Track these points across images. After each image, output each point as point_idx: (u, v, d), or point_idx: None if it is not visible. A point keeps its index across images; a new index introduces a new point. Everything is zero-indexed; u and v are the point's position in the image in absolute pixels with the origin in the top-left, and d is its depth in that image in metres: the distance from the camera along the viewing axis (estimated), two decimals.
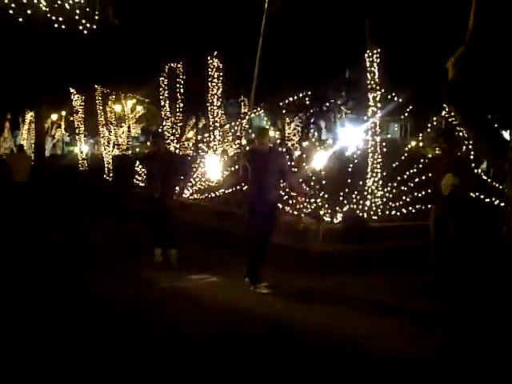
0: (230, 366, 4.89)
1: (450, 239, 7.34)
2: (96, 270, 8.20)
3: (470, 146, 11.11)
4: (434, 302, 6.84)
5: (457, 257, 7.31)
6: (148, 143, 30.63)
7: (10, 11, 13.68)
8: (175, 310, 6.47)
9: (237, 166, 12.84)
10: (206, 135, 15.06)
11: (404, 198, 10.54)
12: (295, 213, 10.22)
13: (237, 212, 10.06)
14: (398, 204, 10.48)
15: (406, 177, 10.87)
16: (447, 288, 7.23)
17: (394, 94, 11.28)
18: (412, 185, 10.72)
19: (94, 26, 13.92)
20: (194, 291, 7.31)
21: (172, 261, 8.51)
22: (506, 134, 14.72)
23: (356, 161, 10.80)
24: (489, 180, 11.54)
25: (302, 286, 7.56)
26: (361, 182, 10.47)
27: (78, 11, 13.69)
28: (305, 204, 9.85)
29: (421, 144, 12.71)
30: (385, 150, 10.73)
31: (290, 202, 10.31)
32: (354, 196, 10.21)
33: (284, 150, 11.94)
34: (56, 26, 14.04)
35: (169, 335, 5.58)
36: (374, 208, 10.28)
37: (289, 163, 8.53)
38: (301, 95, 16.64)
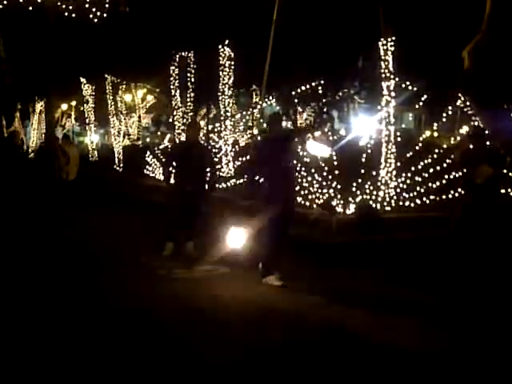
0: (236, 355, 4.83)
1: (475, 231, 7.20)
2: (105, 261, 8.15)
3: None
4: (448, 296, 6.72)
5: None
6: (158, 133, 30.59)
7: (21, 0, 13.59)
8: (187, 300, 6.40)
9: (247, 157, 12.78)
10: (217, 125, 14.97)
11: (418, 188, 10.42)
12: (307, 204, 10.14)
13: (248, 203, 9.97)
14: (411, 195, 10.36)
15: (420, 167, 10.74)
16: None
17: (408, 83, 11.12)
18: (426, 175, 10.59)
19: (105, 15, 13.81)
20: (206, 282, 7.25)
21: (190, 252, 8.47)
22: None
23: (369, 151, 10.67)
24: (505, 171, 11.36)
25: (313, 278, 7.47)
26: (374, 173, 10.35)
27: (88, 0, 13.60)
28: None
29: (435, 134, 12.55)
30: (399, 140, 10.59)
31: (302, 192, 10.23)
32: (367, 187, 10.10)
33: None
34: (66, 14, 13.95)
35: (179, 325, 5.52)
36: (388, 199, 10.16)
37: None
38: (313, 84, 16.50)
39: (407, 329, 5.59)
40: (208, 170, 8.79)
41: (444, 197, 10.51)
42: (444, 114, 11.80)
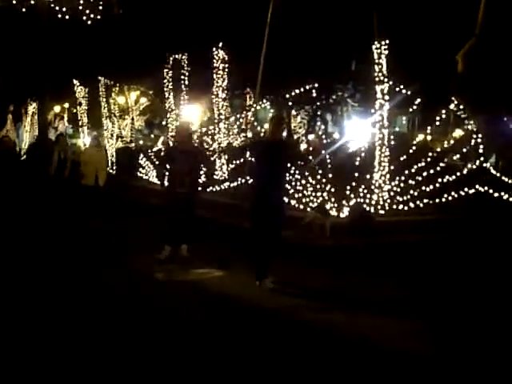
0: (229, 360, 4.80)
1: None
2: (99, 265, 8.09)
3: (479, 140, 11.00)
4: (440, 299, 6.73)
5: None
6: (152, 136, 30.51)
7: (13, 1, 13.52)
8: (180, 304, 6.38)
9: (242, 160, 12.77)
10: (211, 128, 14.94)
11: (412, 191, 10.44)
12: (301, 207, 10.14)
13: (243, 206, 9.95)
14: (405, 198, 10.37)
15: (413, 170, 10.77)
16: None
17: (401, 87, 11.14)
18: (420, 179, 10.62)
19: (98, 17, 13.76)
20: (200, 285, 7.22)
21: (183, 254, 8.46)
22: None
23: (363, 154, 10.69)
24: (498, 174, 11.42)
25: (307, 281, 7.45)
26: (368, 176, 10.36)
27: (81, 1, 13.55)
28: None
29: (429, 137, 12.59)
30: (392, 143, 10.61)
31: (296, 195, 10.22)
32: (360, 190, 10.10)
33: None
34: (59, 16, 13.89)
35: (172, 330, 5.49)
36: (382, 202, 10.17)
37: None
38: (307, 87, 16.47)
39: (405, 332, 5.58)
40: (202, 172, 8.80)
41: (437, 200, 10.54)
42: (437, 118, 11.83)
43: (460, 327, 5.82)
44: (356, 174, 10.35)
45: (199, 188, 8.82)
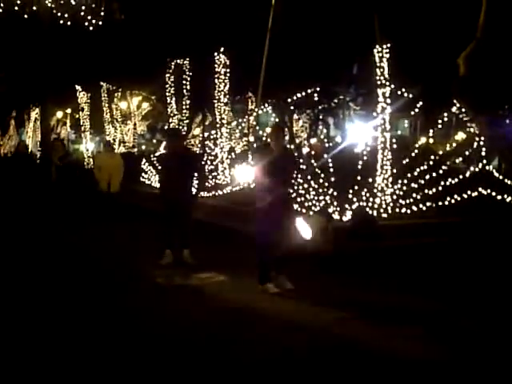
0: (230, 366, 4.78)
1: None
2: (102, 269, 8.11)
3: (482, 143, 10.97)
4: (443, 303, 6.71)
5: None
6: (154, 141, 30.58)
7: (15, 7, 13.58)
8: (181, 308, 6.37)
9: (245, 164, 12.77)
10: (213, 132, 14.94)
11: (414, 195, 10.41)
12: (303, 211, 10.11)
13: (245, 210, 9.94)
14: (408, 202, 10.34)
15: (416, 174, 10.74)
16: None
17: (403, 90, 11.13)
18: (422, 182, 10.59)
19: (100, 23, 13.81)
20: (203, 290, 7.21)
21: (186, 260, 8.44)
22: None
23: (365, 158, 10.67)
24: (500, 177, 11.38)
25: (310, 285, 7.42)
26: (370, 180, 10.33)
27: (83, 7, 13.60)
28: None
29: (431, 140, 12.57)
30: (394, 146, 10.59)
31: (299, 199, 10.20)
32: (363, 193, 10.08)
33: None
34: (61, 22, 13.94)
35: (175, 334, 5.48)
36: (384, 206, 10.15)
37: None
38: (309, 91, 16.50)
39: (408, 337, 5.54)
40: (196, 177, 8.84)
41: (440, 203, 10.51)
42: (439, 121, 11.81)
43: (462, 332, 5.79)
44: (358, 178, 10.33)
45: (194, 192, 8.78)
